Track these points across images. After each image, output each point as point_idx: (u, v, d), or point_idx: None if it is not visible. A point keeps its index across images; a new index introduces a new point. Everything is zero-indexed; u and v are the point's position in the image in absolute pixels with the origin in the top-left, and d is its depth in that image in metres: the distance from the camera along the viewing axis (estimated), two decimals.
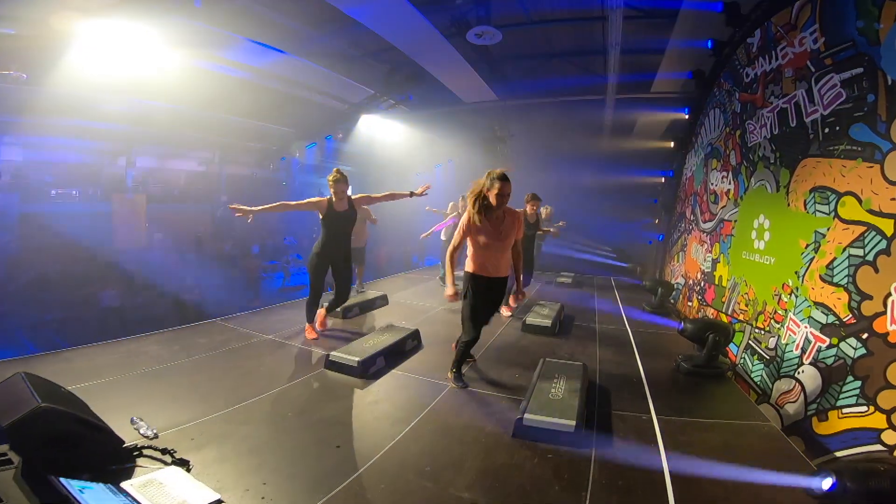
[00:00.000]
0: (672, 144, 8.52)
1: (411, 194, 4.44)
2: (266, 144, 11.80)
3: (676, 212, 8.14)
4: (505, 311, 5.57)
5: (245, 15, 6.38)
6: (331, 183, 4.09)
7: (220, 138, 11.11)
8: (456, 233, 3.36)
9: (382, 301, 5.95)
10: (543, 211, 7.35)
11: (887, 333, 2.80)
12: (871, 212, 3.03)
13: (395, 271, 9.95)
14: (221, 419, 2.76)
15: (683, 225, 7.51)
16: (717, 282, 5.64)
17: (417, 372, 3.75)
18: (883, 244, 2.90)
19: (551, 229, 7.00)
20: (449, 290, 3.33)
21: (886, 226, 2.88)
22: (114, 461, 2.14)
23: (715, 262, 5.78)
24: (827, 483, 1.88)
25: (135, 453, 2.23)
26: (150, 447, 2.27)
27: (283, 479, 2.19)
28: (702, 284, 6.20)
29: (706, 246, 6.17)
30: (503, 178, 3.12)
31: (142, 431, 2.46)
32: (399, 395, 3.35)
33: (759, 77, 4.79)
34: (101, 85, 7.28)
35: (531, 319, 4.96)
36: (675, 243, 7.98)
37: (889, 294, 2.81)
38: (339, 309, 5.14)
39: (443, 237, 7.46)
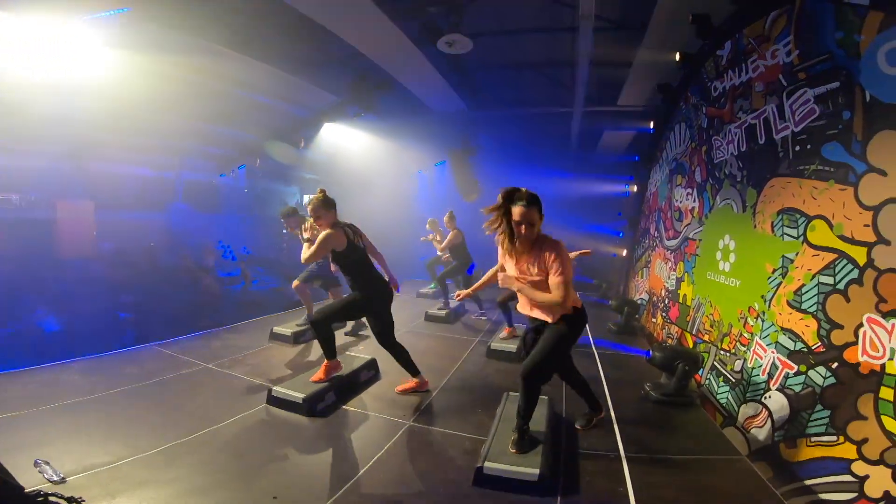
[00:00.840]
0: (637, 158, 8.53)
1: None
2: (227, 150, 11.21)
3: (640, 227, 8.10)
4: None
5: (207, 18, 5.96)
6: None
7: (179, 143, 10.49)
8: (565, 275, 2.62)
9: (339, 324, 5.52)
10: None
11: (858, 364, 2.66)
12: (842, 238, 2.90)
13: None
14: (141, 463, 2.41)
15: (647, 241, 7.46)
16: (681, 300, 5.54)
17: (372, 408, 3.40)
18: (855, 273, 2.76)
19: None
20: None
21: (859, 254, 2.74)
22: None
23: (679, 280, 5.68)
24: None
25: (38, 499, 1.91)
26: (54, 494, 1.94)
27: None
28: (666, 302, 6.10)
29: (670, 264, 6.09)
30: (522, 200, 2.49)
31: (46, 475, 2.19)
32: (350, 436, 2.99)
33: (728, 91, 4.63)
34: (45, 85, 6.71)
35: (496, 345, 4.68)
36: (639, 259, 7.93)
37: (861, 324, 2.67)
38: (290, 334, 4.73)
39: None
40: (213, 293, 9.64)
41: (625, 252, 8.94)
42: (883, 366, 2.49)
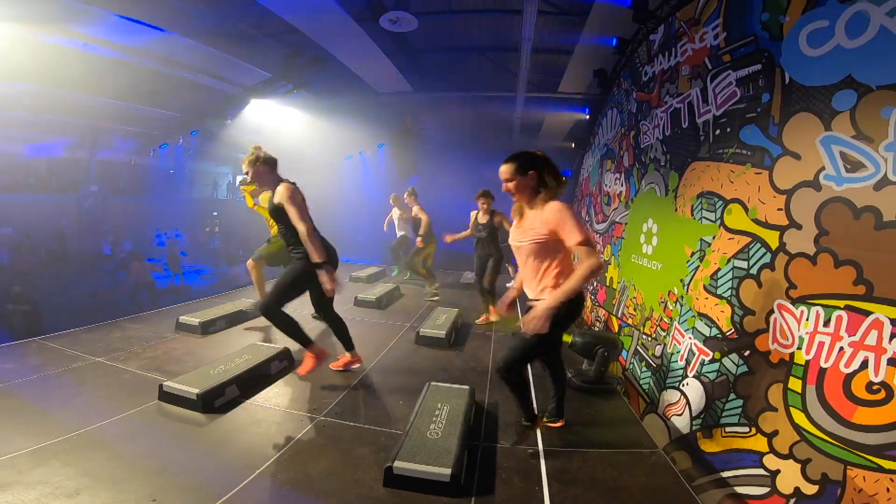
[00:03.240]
0: (573, 145, 8.44)
1: None
2: (147, 129, 10.08)
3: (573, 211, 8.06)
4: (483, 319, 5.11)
5: None
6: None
7: (91, 122, 9.29)
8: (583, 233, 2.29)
9: (256, 312, 4.90)
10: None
11: (769, 352, 2.57)
12: (756, 221, 2.79)
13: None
14: (6, 464, 2.03)
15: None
16: (608, 283, 5.48)
17: (279, 402, 2.98)
18: (767, 258, 2.66)
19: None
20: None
21: (771, 238, 2.64)
22: None
23: (606, 263, 5.62)
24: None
25: None
26: None
27: None
28: (594, 284, 6.05)
29: (599, 247, 6.03)
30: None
31: None
32: (250, 434, 2.56)
33: (657, 76, 4.46)
34: None
35: (425, 330, 4.35)
36: None
37: (772, 311, 2.57)
38: (197, 324, 4.16)
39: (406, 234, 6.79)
40: (143, 280, 8.65)
41: None
42: (792, 355, 2.39)
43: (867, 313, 2.02)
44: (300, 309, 3.92)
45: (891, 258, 1.93)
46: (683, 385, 3.31)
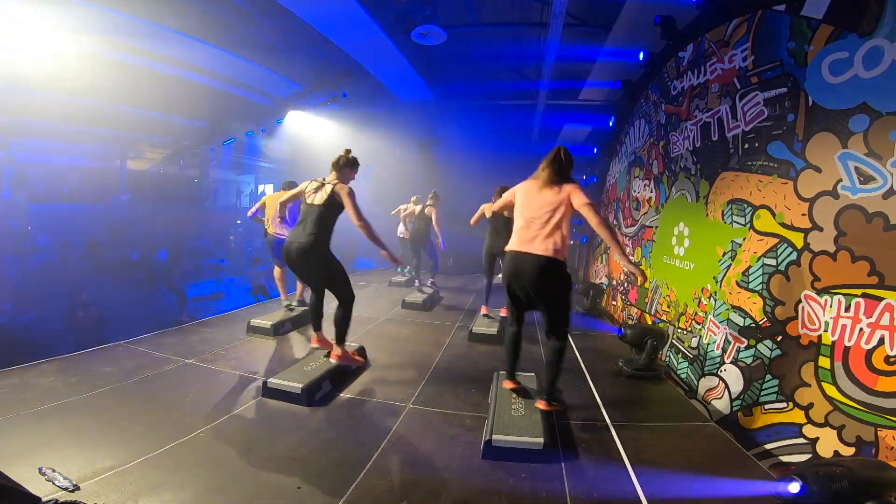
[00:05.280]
0: (595, 150, 9.06)
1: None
2: (177, 139, 10.61)
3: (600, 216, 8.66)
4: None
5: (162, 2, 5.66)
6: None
7: (123, 132, 9.83)
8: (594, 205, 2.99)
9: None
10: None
11: (799, 336, 3.16)
12: (783, 225, 3.39)
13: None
14: (149, 465, 2.36)
15: None
16: (639, 283, 6.07)
17: (370, 394, 3.52)
18: (794, 255, 3.26)
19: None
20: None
21: (797, 238, 3.24)
22: None
23: (637, 264, 6.21)
24: (795, 487, 2.04)
25: None
26: (76, 502, 1.91)
27: None
28: (625, 285, 6.65)
29: (628, 249, 6.63)
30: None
31: (58, 483, 2.08)
32: (354, 422, 3.08)
33: (686, 90, 5.09)
34: None
35: (477, 328, 4.94)
36: (598, 246, 8.51)
37: (799, 301, 3.17)
38: (270, 326, 4.73)
39: (399, 234, 7.32)
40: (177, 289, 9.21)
41: (585, 239, 9.53)
42: (819, 337, 2.99)
43: (880, 299, 2.61)
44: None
45: None
46: (722, 371, 3.90)
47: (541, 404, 2.99)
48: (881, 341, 2.62)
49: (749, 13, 3.99)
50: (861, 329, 2.73)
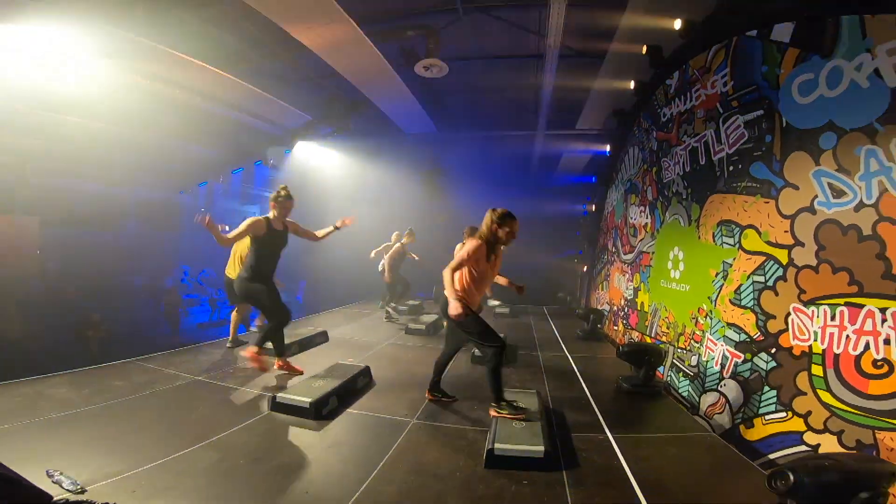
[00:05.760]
0: (594, 180, 9.44)
1: (335, 228, 4.45)
2: (185, 167, 10.97)
3: (599, 244, 8.93)
4: None
5: (175, 26, 6.03)
6: (281, 199, 4.01)
7: (134, 157, 10.14)
8: (458, 259, 3.33)
9: (322, 338, 5.71)
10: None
11: (791, 347, 3.31)
12: (769, 243, 3.60)
13: (330, 306, 9.59)
14: (160, 469, 2.49)
15: (606, 256, 8.24)
16: (639, 308, 6.23)
17: (375, 410, 3.65)
18: (780, 271, 3.46)
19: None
20: (457, 308, 3.19)
21: (782, 255, 3.45)
22: None
23: (636, 290, 6.40)
24: (787, 480, 2.02)
25: None
26: (88, 502, 2.02)
27: None
28: (626, 310, 6.79)
29: (627, 276, 6.82)
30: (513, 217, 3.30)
31: (64, 485, 2.19)
32: (360, 435, 3.22)
33: (675, 117, 5.42)
34: None
35: (479, 352, 5.07)
36: (598, 273, 8.70)
37: (789, 313, 3.34)
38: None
39: (380, 268, 7.43)
40: (170, 308, 9.37)
41: (585, 268, 9.73)
42: (810, 346, 3.14)
43: (861, 306, 2.79)
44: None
45: (872, 264, 2.73)
46: (721, 386, 4.01)
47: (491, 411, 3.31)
48: (867, 346, 2.77)
49: (725, 39, 4.35)
50: (847, 336, 2.89)
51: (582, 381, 4.54)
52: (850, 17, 2.89)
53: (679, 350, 4.93)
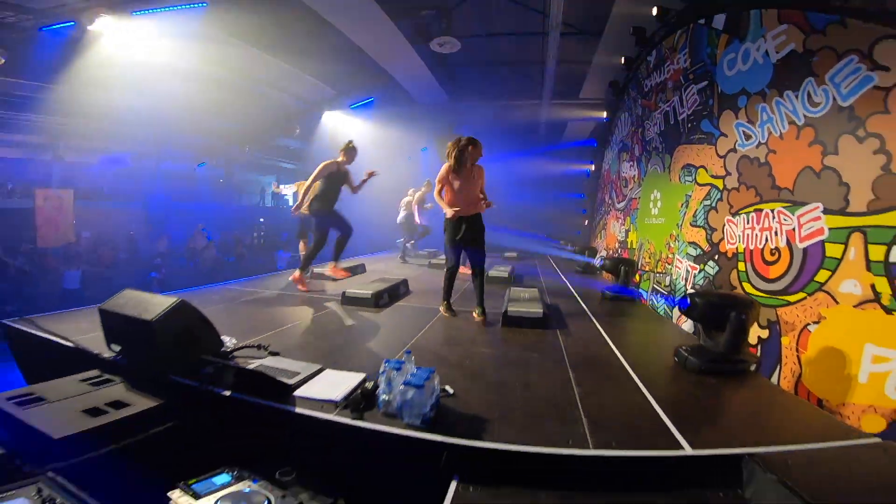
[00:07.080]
0: (597, 145, 10.81)
1: (364, 181, 5.60)
2: (210, 140, 12.17)
3: (598, 198, 10.32)
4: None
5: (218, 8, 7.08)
6: (348, 149, 5.48)
7: (158, 132, 11.37)
8: (436, 182, 4.43)
9: (361, 269, 7.17)
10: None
11: (726, 252, 4.70)
12: (712, 176, 5.00)
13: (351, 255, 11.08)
14: (276, 336, 3.65)
15: (603, 208, 9.65)
16: (629, 246, 7.67)
17: (416, 304, 5.15)
18: (719, 195, 4.85)
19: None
20: (450, 212, 4.32)
21: (719, 183, 4.84)
22: (221, 357, 2.77)
23: (627, 231, 7.83)
24: (685, 303, 3.43)
25: (233, 352, 3.01)
26: (244, 346, 3.13)
27: (366, 352, 3.50)
28: (619, 251, 8.22)
29: (620, 221, 8.23)
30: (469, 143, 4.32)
31: (227, 342, 3.15)
32: (408, 315, 4.67)
33: (654, 87, 6.80)
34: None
35: (493, 273, 6.59)
36: (597, 224, 10.12)
37: (724, 224, 4.74)
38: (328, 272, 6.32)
39: (398, 220, 8.93)
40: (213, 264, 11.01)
41: (586, 222, 11.18)
42: (736, 248, 4.53)
43: (762, 210, 4.17)
44: None
45: (765, 180, 4.11)
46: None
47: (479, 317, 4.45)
48: (766, 240, 4.16)
49: (685, 26, 5.69)
50: (756, 234, 4.28)
51: (572, 288, 6.02)
52: (755, 10, 4.21)
53: (657, 275, 6.35)
